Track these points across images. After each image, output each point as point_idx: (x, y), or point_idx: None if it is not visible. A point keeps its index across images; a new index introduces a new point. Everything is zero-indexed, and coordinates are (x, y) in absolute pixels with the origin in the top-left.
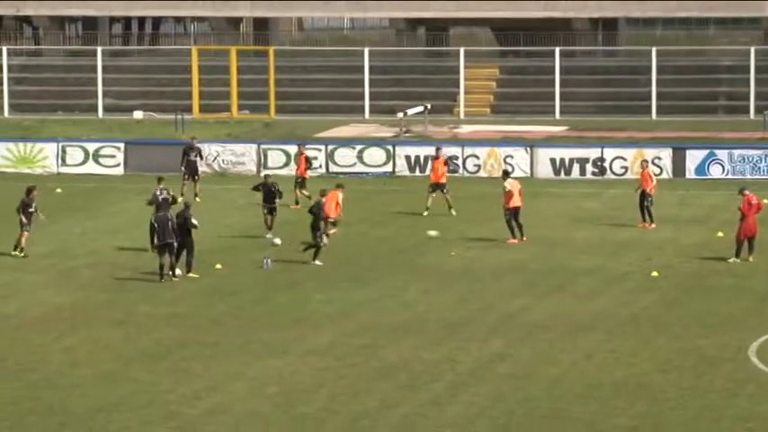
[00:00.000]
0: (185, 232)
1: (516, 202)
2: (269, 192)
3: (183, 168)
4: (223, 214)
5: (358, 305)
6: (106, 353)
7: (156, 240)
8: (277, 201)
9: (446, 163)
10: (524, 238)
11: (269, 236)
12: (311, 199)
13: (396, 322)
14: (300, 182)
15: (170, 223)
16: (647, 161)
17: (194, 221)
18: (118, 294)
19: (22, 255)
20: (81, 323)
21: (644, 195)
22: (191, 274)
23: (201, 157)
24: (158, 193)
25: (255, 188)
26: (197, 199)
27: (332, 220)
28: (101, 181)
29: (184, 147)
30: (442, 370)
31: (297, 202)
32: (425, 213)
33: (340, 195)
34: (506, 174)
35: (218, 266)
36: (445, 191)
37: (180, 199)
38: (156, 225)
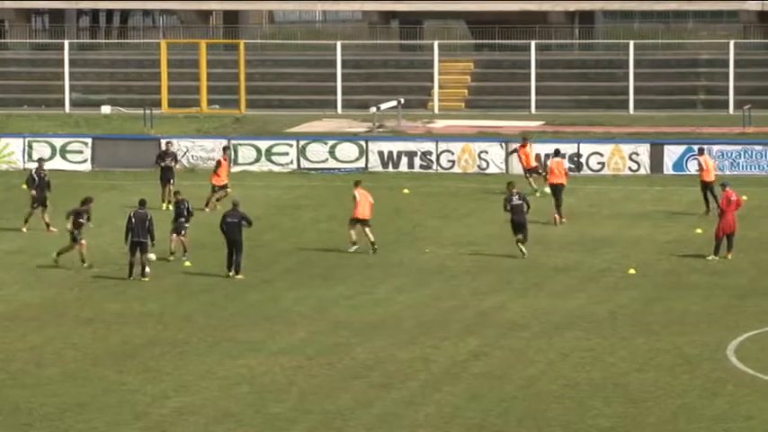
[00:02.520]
0: (238, 231)
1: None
2: (179, 210)
3: (159, 173)
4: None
5: (330, 303)
6: (74, 351)
7: (129, 237)
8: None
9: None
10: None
11: (184, 258)
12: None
13: (369, 320)
14: (222, 188)
15: (147, 222)
16: (702, 149)
17: (249, 218)
18: (86, 292)
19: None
20: (48, 321)
21: (706, 185)
22: (239, 276)
23: (176, 162)
24: (36, 174)
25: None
26: (170, 206)
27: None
28: (68, 177)
29: (159, 152)
30: (416, 369)
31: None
32: (538, 194)
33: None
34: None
35: (188, 264)
36: (541, 172)
37: (164, 207)
38: (132, 221)
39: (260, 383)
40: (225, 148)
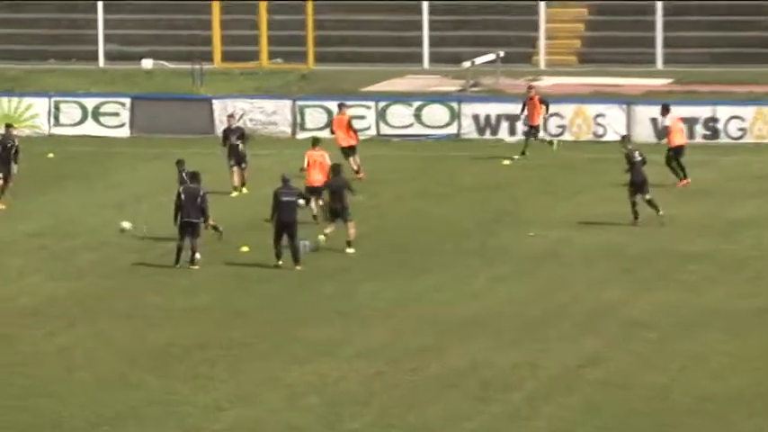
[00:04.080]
0: (294, 212)
1: (679, 140)
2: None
3: (226, 154)
4: (251, 186)
5: (416, 297)
6: (110, 353)
7: (178, 217)
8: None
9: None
10: (686, 180)
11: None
12: (359, 174)
13: (463, 318)
14: (349, 150)
15: (198, 199)
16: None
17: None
18: (123, 282)
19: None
20: (79, 317)
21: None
22: (298, 267)
23: (244, 139)
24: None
25: None
26: (244, 190)
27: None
28: (102, 144)
29: (224, 128)
30: (521, 377)
31: (357, 172)
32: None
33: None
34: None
35: (245, 249)
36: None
37: (234, 194)
38: (182, 197)
39: (332, 393)
40: (341, 105)
